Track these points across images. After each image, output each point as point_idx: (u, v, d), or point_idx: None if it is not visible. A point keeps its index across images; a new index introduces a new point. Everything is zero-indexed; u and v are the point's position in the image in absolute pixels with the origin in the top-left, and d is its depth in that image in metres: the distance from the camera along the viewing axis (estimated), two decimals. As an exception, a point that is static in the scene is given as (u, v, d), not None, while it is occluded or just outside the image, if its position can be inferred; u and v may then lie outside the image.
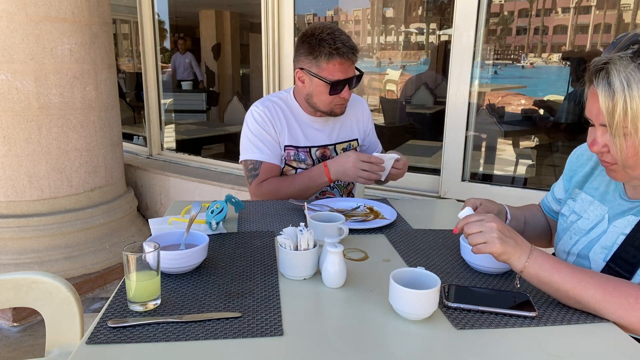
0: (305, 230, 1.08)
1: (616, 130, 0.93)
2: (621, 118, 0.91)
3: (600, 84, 0.93)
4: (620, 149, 0.95)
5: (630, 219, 1.05)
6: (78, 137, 2.89)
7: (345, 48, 1.58)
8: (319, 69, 1.62)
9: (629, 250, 1.02)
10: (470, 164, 2.71)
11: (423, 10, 3.61)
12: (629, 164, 0.97)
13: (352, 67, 1.64)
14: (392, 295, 0.93)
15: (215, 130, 5.44)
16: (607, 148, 0.99)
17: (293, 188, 1.69)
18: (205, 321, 0.90)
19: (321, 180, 1.66)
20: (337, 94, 1.65)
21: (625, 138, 0.94)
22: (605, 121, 0.94)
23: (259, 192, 1.72)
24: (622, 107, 0.91)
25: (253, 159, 1.73)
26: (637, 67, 0.90)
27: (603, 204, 1.13)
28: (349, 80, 1.64)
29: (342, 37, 1.59)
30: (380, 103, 3.97)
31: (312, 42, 1.60)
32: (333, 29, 1.60)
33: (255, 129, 1.73)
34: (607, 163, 1.02)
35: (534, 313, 0.93)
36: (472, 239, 1.00)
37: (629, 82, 0.90)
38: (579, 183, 1.23)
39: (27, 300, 1.33)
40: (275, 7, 3.07)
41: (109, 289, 2.95)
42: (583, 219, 1.17)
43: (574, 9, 2.85)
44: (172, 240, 1.16)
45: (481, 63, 2.61)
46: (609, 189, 1.14)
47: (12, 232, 2.75)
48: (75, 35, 2.78)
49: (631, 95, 0.90)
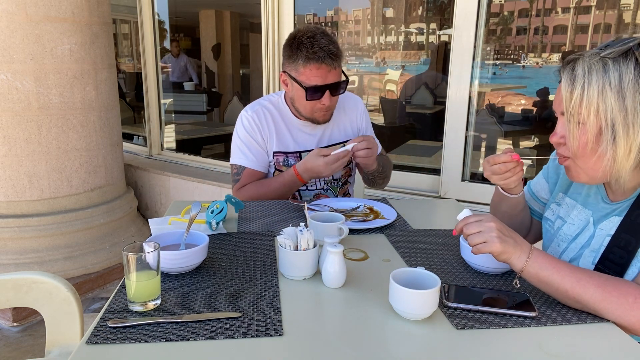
0: (305, 230, 1.08)
1: (571, 116, 0.96)
2: (577, 103, 0.94)
3: (565, 73, 0.97)
4: (573, 136, 0.97)
5: (615, 220, 1.05)
6: (78, 137, 2.89)
7: (322, 52, 1.51)
8: (297, 73, 1.58)
9: (616, 251, 1.02)
10: (470, 164, 2.71)
11: (423, 10, 3.61)
12: (579, 153, 0.98)
13: (334, 73, 1.58)
14: (392, 295, 0.93)
15: (215, 130, 5.44)
16: (564, 139, 1.01)
17: (270, 193, 1.70)
18: (205, 321, 0.90)
19: (295, 184, 1.67)
20: (315, 100, 1.60)
21: (579, 126, 0.96)
22: (564, 107, 0.97)
23: (238, 196, 1.73)
24: (579, 93, 0.94)
25: (237, 164, 1.75)
26: (600, 60, 0.93)
27: (586, 208, 1.14)
28: (329, 86, 1.58)
29: (322, 42, 1.52)
30: (380, 103, 3.97)
31: (292, 45, 1.57)
32: (315, 32, 1.54)
33: (242, 135, 1.74)
34: (563, 157, 1.04)
35: (534, 313, 0.93)
36: (471, 239, 1.00)
37: (590, 70, 0.93)
38: (563, 187, 1.24)
39: (27, 300, 1.33)
40: (275, 7, 3.07)
41: (109, 289, 2.95)
42: (568, 224, 1.17)
43: (574, 9, 2.85)
44: (172, 240, 1.16)
45: (481, 63, 2.61)
46: (590, 192, 1.14)
47: (12, 232, 2.75)
48: (75, 35, 2.78)
49: (589, 82, 0.93)
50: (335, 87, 1.61)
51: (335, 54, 1.55)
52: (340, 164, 1.58)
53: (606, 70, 0.92)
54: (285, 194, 1.70)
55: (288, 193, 1.71)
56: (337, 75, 1.60)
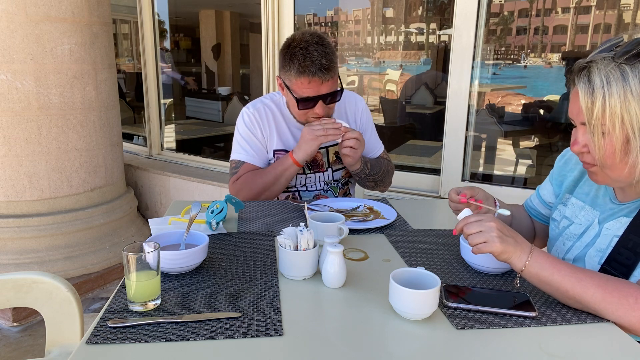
0: (305, 230, 1.08)
1: (595, 128, 0.94)
2: (600, 115, 0.92)
3: (581, 82, 0.94)
4: (599, 148, 0.95)
5: (623, 221, 1.05)
6: (78, 137, 2.89)
7: (314, 67, 1.49)
8: (290, 82, 1.58)
9: (623, 252, 1.02)
10: (470, 164, 2.71)
11: (423, 10, 3.61)
12: (607, 163, 0.96)
13: (327, 84, 1.55)
14: (392, 295, 0.93)
15: (215, 130, 5.43)
16: (587, 148, 0.99)
17: (265, 179, 1.68)
18: (205, 321, 0.90)
19: (288, 163, 1.65)
20: (307, 109, 1.60)
21: (604, 136, 0.94)
22: (585, 119, 0.95)
23: (234, 188, 1.72)
24: (600, 104, 0.91)
25: (237, 159, 1.75)
26: (617, 67, 0.90)
27: (594, 209, 1.13)
28: (321, 97, 1.57)
29: (314, 54, 1.49)
30: (380, 103, 3.97)
31: (285, 55, 1.55)
32: (309, 43, 1.51)
33: (243, 131, 1.75)
34: (588, 164, 1.02)
35: (534, 313, 0.93)
36: (471, 239, 1.00)
37: (609, 79, 0.90)
38: (569, 188, 1.23)
39: (27, 300, 1.33)
40: (275, 7, 3.07)
41: (109, 289, 2.95)
42: (575, 225, 1.16)
43: (574, 9, 2.85)
44: (172, 240, 1.16)
45: (481, 63, 2.61)
46: (598, 194, 1.14)
47: (12, 232, 2.75)
48: (75, 35, 2.78)
49: (610, 93, 0.90)
50: (327, 97, 1.59)
51: (328, 67, 1.51)
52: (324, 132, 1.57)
53: (625, 78, 0.89)
54: (280, 179, 1.68)
55: (283, 179, 1.68)
56: (330, 85, 1.57)
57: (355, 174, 1.74)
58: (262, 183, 1.68)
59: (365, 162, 1.72)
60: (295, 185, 1.81)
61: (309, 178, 1.80)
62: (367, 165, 1.73)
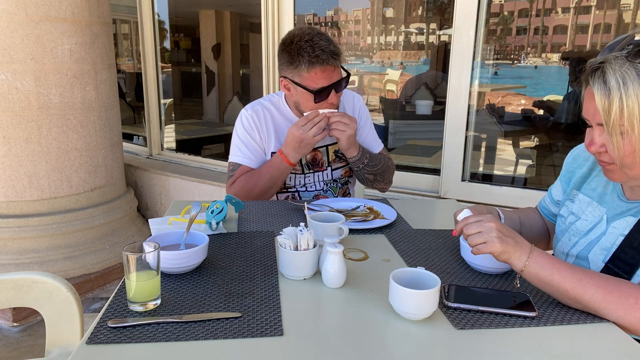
0: (305, 230, 1.08)
1: (613, 129, 0.93)
2: (617, 116, 0.91)
3: (596, 83, 0.93)
4: (618, 148, 0.95)
5: (629, 220, 1.05)
6: (78, 137, 2.89)
7: (325, 55, 1.52)
8: (301, 78, 1.58)
9: (628, 251, 1.02)
10: (470, 164, 2.71)
11: (423, 10, 3.62)
12: (626, 163, 0.96)
13: (337, 71, 1.59)
14: (392, 295, 0.93)
15: (215, 130, 5.43)
16: (604, 148, 0.99)
17: (260, 181, 1.69)
18: (205, 321, 0.90)
19: (282, 165, 1.66)
20: (323, 100, 1.61)
21: (622, 137, 0.93)
22: (602, 120, 0.94)
23: (230, 191, 1.73)
24: (618, 105, 0.91)
25: (234, 162, 1.76)
26: (632, 66, 0.90)
27: (601, 205, 1.13)
28: (335, 85, 1.59)
29: (321, 43, 1.52)
30: (380, 103, 3.97)
31: (291, 52, 1.56)
32: (312, 34, 1.54)
33: (241, 133, 1.75)
34: (605, 163, 1.01)
35: (534, 313, 0.93)
36: (471, 240, 1.00)
37: (625, 80, 0.90)
38: (576, 184, 1.23)
39: (27, 300, 1.33)
40: (275, 7, 3.07)
41: (109, 289, 2.95)
42: (581, 220, 1.16)
43: (574, 9, 2.85)
44: (172, 240, 1.16)
45: (481, 63, 2.61)
46: (606, 190, 1.14)
47: (12, 232, 2.75)
48: (75, 35, 2.78)
49: (627, 94, 0.90)
50: (339, 84, 1.62)
51: (336, 52, 1.56)
52: (311, 125, 1.58)
53: None
54: (276, 180, 1.69)
55: (279, 180, 1.70)
56: (339, 72, 1.62)
57: (353, 162, 1.73)
58: (258, 185, 1.70)
59: (364, 152, 1.73)
60: (294, 185, 1.81)
61: (308, 178, 1.80)
62: (366, 154, 1.74)
